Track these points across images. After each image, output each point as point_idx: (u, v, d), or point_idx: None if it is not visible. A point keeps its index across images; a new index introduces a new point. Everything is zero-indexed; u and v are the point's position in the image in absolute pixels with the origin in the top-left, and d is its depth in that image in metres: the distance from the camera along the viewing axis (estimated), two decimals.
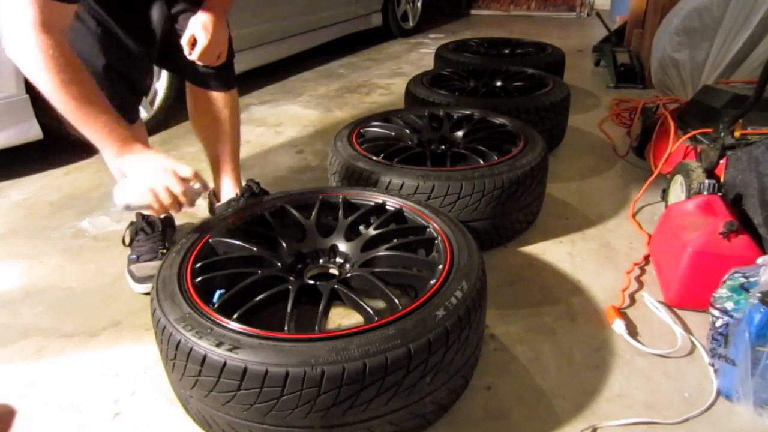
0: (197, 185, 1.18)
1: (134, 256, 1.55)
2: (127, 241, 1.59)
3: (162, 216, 1.53)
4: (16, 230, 1.86)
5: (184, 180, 1.15)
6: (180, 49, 1.43)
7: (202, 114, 1.63)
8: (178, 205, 1.15)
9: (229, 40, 1.56)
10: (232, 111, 1.62)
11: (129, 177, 1.16)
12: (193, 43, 1.43)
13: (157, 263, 1.48)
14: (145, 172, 1.14)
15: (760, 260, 1.15)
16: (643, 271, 1.56)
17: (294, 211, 1.36)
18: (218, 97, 1.59)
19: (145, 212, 1.43)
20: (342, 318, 1.37)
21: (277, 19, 3.45)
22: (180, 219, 1.89)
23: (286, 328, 0.98)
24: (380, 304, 1.13)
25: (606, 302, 1.42)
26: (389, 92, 3.36)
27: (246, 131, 2.72)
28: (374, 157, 1.62)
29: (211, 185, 1.75)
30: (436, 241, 1.22)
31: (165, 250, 1.56)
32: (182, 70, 1.55)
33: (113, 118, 1.15)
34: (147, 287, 1.47)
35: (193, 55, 1.43)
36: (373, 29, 4.69)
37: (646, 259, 1.60)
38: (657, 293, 1.45)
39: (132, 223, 1.60)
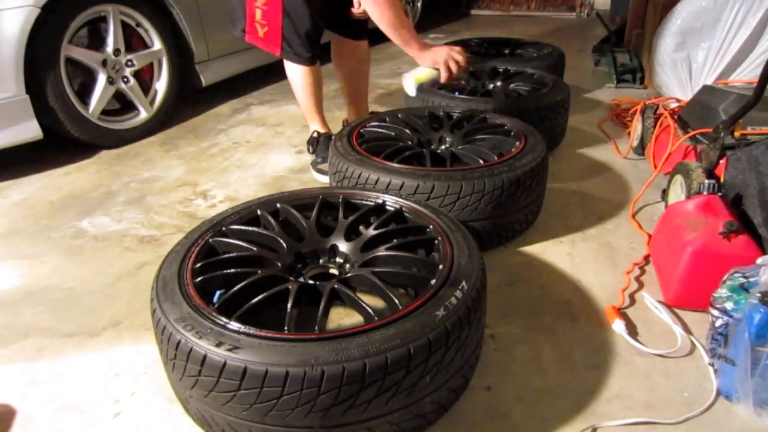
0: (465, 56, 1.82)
1: (320, 159, 2.15)
2: (312, 149, 2.23)
3: (330, 134, 2.20)
4: (16, 230, 1.86)
5: (460, 53, 1.81)
6: (345, 12, 2.12)
7: (348, 58, 2.30)
8: (461, 70, 1.81)
9: None
10: (367, 56, 2.33)
11: (428, 62, 1.81)
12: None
13: None
14: (440, 55, 1.79)
15: (760, 260, 1.15)
16: (643, 271, 1.56)
17: (294, 211, 1.36)
18: (362, 45, 2.28)
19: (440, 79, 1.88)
20: (342, 318, 1.37)
21: None
22: (178, 220, 1.89)
23: (286, 328, 0.98)
24: (380, 304, 1.13)
25: (606, 302, 1.42)
26: (389, 92, 3.36)
27: (246, 131, 2.73)
28: (374, 157, 1.62)
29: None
30: (436, 241, 1.22)
31: None
32: (341, 27, 2.21)
33: (413, 28, 1.82)
34: (323, 178, 2.08)
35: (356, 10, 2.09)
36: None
37: (646, 259, 1.60)
38: (657, 293, 1.45)
39: (313, 138, 2.22)
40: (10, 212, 1.98)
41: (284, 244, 1.26)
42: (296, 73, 2.11)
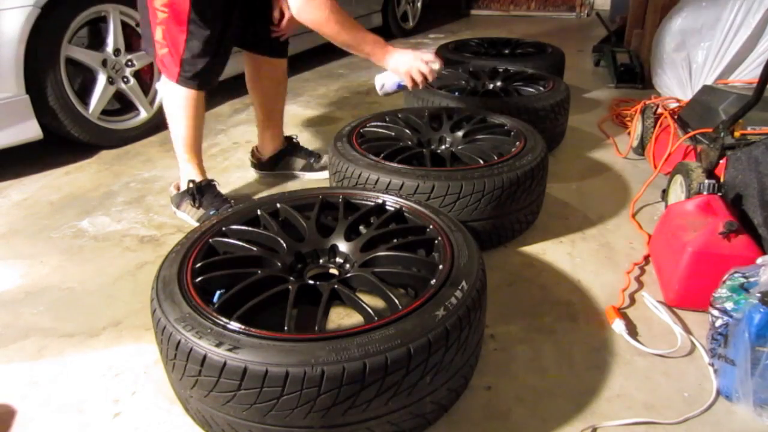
0: (437, 65, 1.70)
1: (213, 211, 1.78)
2: (195, 202, 1.82)
3: (211, 182, 1.89)
4: (16, 230, 1.86)
5: (428, 63, 1.68)
6: (261, 27, 1.90)
7: (265, 79, 2.06)
8: (425, 81, 1.70)
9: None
10: (285, 75, 2.12)
11: (390, 69, 1.71)
12: (279, 19, 1.87)
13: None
14: (403, 63, 1.67)
15: (759, 260, 1.15)
16: (643, 271, 1.56)
17: (294, 211, 1.36)
18: (282, 63, 2.05)
19: (404, 85, 1.76)
20: (342, 318, 1.37)
21: None
22: (178, 220, 1.89)
23: (286, 328, 0.98)
24: (380, 304, 1.13)
25: (606, 302, 1.42)
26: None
27: (246, 131, 2.72)
28: (374, 157, 1.62)
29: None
30: (436, 241, 1.22)
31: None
32: (257, 45, 1.97)
33: (373, 37, 1.68)
34: None
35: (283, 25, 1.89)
36: (373, 29, 4.69)
37: (646, 259, 1.60)
38: (657, 293, 1.45)
39: (190, 189, 1.83)
40: (10, 212, 1.98)
41: (284, 245, 1.26)
42: (183, 101, 1.75)
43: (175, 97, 1.75)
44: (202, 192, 1.82)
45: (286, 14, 1.84)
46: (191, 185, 1.82)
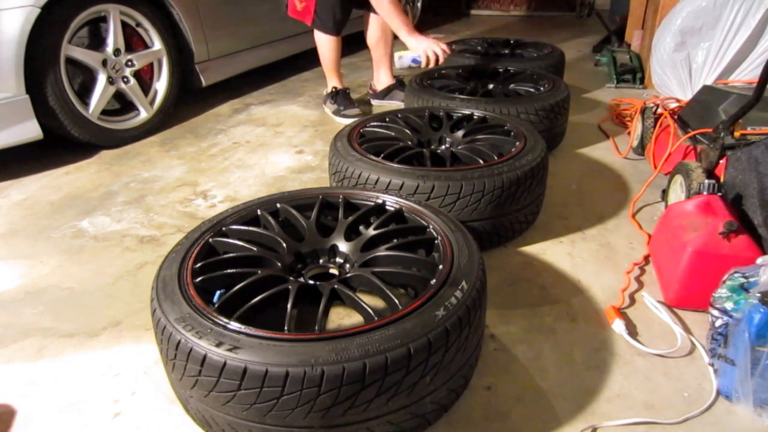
0: (447, 51, 2.46)
1: (342, 107, 2.80)
2: (332, 101, 2.83)
3: (346, 88, 2.90)
4: (16, 230, 1.86)
5: (441, 48, 2.43)
6: None
7: (374, 30, 2.87)
8: (436, 62, 2.44)
9: None
10: (387, 27, 2.76)
11: (411, 47, 2.48)
12: None
13: (356, 110, 2.80)
14: (422, 42, 2.44)
15: (759, 260, 1.15)
16: (643, 271, 1.56)
17: (294, 211, 1.36)
18: (380, 18, 2.68)
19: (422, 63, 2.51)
20: (342, 318, 1.37)
21: (278, 20, 3.44)
22: (178, 220, 1.89)
23: (286, 328, 0.98)
24: (380, 304, 1.13)
25: (606, 302, 1.42)
26: None
27: (246, 131, 2.73)
28: (374, 157, 1.62)
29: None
30: (436, 241, 1.22)
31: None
32: (367, 4, 2.60)
33: (406, 18, 2.47)
34: (347, 121, 2.66)
35: None
36: None
37: (646, 259, 1.60)
38: (657, 293, 1.45)
39: (333, 92, 2.86)
40: (10, 212, 1.98)
41: (284, 244, 1.26)
42: (323, 40, 2.77)
43: (319, 37, 2.77)
44: (338, 95, 2.81)
45: None
46: (333, 90, 2.83)
